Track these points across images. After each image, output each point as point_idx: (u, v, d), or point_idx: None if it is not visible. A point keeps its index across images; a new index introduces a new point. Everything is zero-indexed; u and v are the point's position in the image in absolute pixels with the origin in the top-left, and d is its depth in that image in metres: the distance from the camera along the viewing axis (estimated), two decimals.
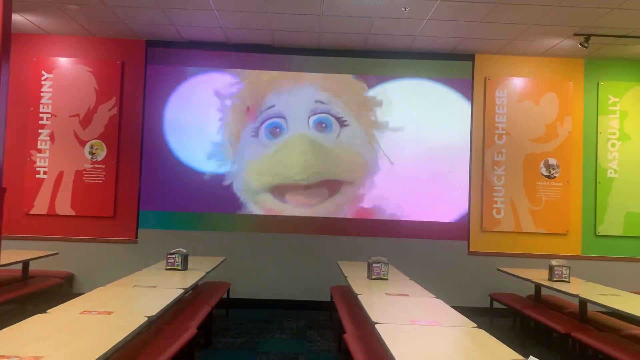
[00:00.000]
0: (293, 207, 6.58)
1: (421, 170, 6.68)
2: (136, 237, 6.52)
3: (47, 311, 2.87)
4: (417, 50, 6.67)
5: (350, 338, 3.68)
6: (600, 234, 6.67)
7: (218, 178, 6.58)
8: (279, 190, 6.59)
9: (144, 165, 6.58)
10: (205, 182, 6.57)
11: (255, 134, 6.62)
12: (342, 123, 6.67)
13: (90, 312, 2.90)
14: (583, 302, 4.68)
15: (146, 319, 2.80)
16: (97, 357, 2.13)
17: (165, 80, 6.62)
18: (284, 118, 6.63)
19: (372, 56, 6.73)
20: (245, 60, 6.67)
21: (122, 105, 6.60)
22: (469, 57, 6.78)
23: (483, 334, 2.70)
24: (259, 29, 6.08)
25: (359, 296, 3.71)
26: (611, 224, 6.68)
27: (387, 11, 5.43)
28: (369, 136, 6.69)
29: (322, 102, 6.67)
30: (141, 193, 6.56)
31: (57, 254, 5.82)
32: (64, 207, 6.45)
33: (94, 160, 6.51)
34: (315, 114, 6.65)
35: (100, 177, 6.50)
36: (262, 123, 6.64)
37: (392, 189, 6.66)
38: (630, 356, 3.59)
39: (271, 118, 6.64)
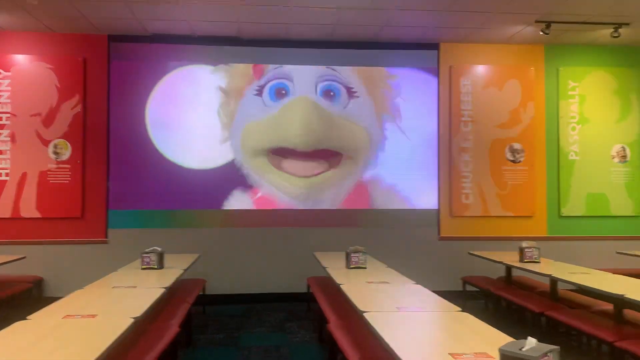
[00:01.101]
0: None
1: (393, 159, 6.76)
2: (106, 237, 6.39)
3: (28, 317, 2.79)
4: (384, 40, 6.71)
5: (335, 328, 3.72)
6: (564, 214, 6.91)
7: (190, 173, 6.50)
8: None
9: (111, 164, 6.43)
10: (174, 179, 6.48)
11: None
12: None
13: (73, 316, 2.83)
14: (554, 281, 4.85)
15: (132, 320, 2.76)
16: None
17: (129, 75, 6.47)
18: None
19: (339, 47, 6.74)
20: (212, 53, 6.58)
21: (86, 103, 6.42)
22: (434, 46, 6.87)
23: (470, 318, 2.77)
24: (224, 21, 6.00)
25: (341, 286, 3.75)
26: (574, 205, 6.92)
27: (355, 1, 5.44)
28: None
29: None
30: (109, 192, 6.41)
31: (24, 258, 5.64)
32: (29, 209, 6.25)
33: (58, 160, 6.32)
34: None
35: (66, 177, 6.32)
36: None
37: (364, 178, 6.73)
38: (601, 331, 3.75)
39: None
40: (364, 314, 2.85)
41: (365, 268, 4.60)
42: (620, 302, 3.73)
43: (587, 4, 5.55)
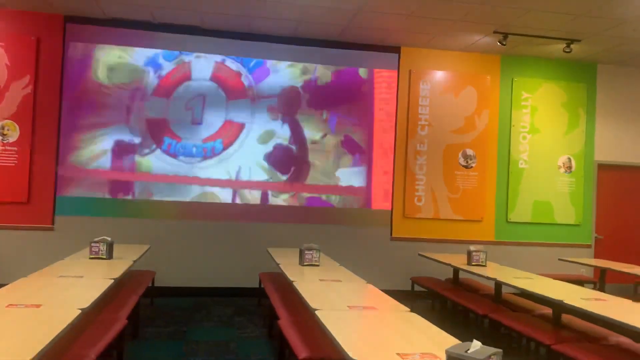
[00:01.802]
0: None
1: (349, 159, 6.82)
2: (53, 224, 6.19)
3: None
4: (347, 40, 6.76)
5: (285, 324, 3.74)
6: (511, 220, 7.16)
7: (144, 162, 6.37)
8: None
9: (62, 148, 6.23)
10: (128, 166, 6.34)
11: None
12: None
13: (16, 305, 2.75)
14: (499, 285, 5.02)
15: (79, 311, 2.70)
16: (34, 355, 2.03)
17: (85, 58, 6.28)
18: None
19: (301, 44, 6.74)
20: (171, 41, 6.46)
21: (37, 84, 6.19)
22: (396, 49, 6.97)
23: (418, 318, 2.84)
24: (187, 9, 5.91)
25: (294, 283, 3.77)
26: (521, 211, 7.18)
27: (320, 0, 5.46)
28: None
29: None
30: (58, 177, 6.21)
31: None
32: None
33: (5, 141, 6.07)
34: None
35: (12, 159, 6.08)
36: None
37: (320, 177, 6.76)
38: (540, 334, 3.91)
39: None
40: (316, 312, 2.88)
41: (318, 265, 4.64)
42: (559, 307, 3.91)
43: (543, 19, 5.76)
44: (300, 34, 6.61)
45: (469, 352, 1.77)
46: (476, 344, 1.81)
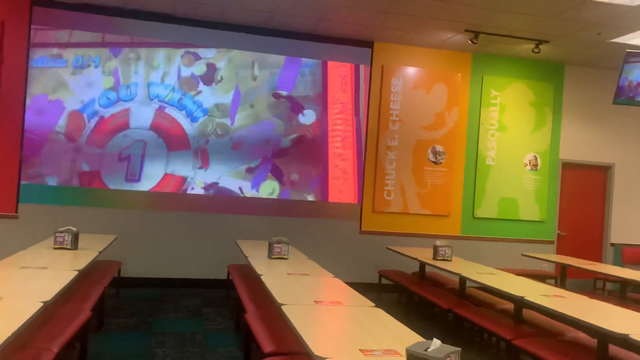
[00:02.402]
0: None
1: (320, 152, 6.84)
2: (16, 212, 6.05)
3: None
4: (321, 33, 6.75)
5: (252, 318, 3.75)
6: (478, 216, 7.30)
7: (110, 147, 6.27)
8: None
9: (26, 134, 6.08)
10: (94, 154, 6.23)
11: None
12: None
13: None
14: (463, 280, 5.13)
15: (42, 304, 2.66)
16: None
17: (51, 43, 6.12)
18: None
19: (276, 35, 6.71)
20: (137, 28, 6.35)
21: (1, 68, 6.01)
22: (369, 44, 7.00)
23: (382, 314, 2.89)
24: None
25: (261, 277, 3.78)
26: (487, 207, 7.32)
27: None
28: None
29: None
30: (22, 164, 6.07)
31: None
32: None
33: None
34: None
35: None
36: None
37: (293, 170, 6.77)
38: (501, 328, 4.02)
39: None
40: (282, 307, 2.90)
41: (286, 259, 4.66)
42: (520, 302, 4.02)
43: (513, 20, 5.86)
44: (273, 26, 6.58)
45: (428, 350, 1.82)
46: (436, 342, 1.86)
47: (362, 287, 3.67)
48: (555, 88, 7.54)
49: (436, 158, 7.20)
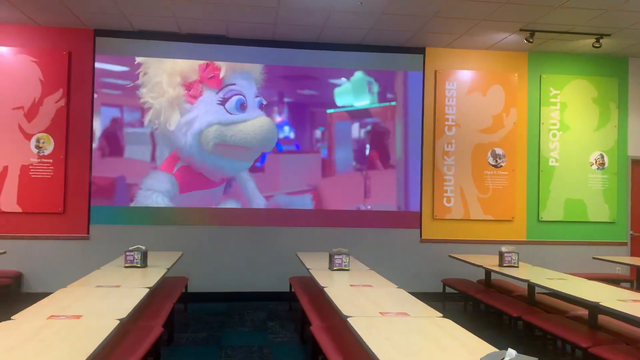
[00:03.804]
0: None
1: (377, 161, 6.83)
2: (88, 233, 6.35)
3: (12, 317, 2.79)
4: (371, 43, 6.76)
5: (317, 330, 3.77)
6: (543, 219, 7.05)
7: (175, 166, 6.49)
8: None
9: (95, 159, 6.38)
10: (159, 174, 6.46)
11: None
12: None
13: (58, 316, 2.83)
14: (532, 286, 4.96)
15: (117, 321, 2.77)
16: None
17: (114, 70, 6.42)
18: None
19: (325, 49, 6.77)
20: (198, 51, 6.56)
21: (69, 97, 6.36)
22: (420, 50, 6.94)
23: (450, 324, 2.83)
24: (213, 19, 5.99)
25: (325, 289, 3.79)
26: (553, 210, 7.06)
27: (344, 4, 5.47)
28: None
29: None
30: (92, 187, 6.37)
31: (4, 252, 5.59)
32: (9, 203, 6.18)
33: (40, 154, 6.26)
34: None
35: (48, 171, 6.26)
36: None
37: (347, 180, 6.78)
38: (576, 336, 3.85)
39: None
40: (348, 319, 2.90)
41: (348, 270, 4.66)
42: (596, 308, 3.84)
43: (570, 15, 5.66)
44: (323, 40, 6.64)
45: None
46: (511, 353, 1.81)
47: (425, 297, 3.61)
48: (620, 82, 7.21)
49: (496, 161, 7.02)
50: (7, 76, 6.23)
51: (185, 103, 6.47)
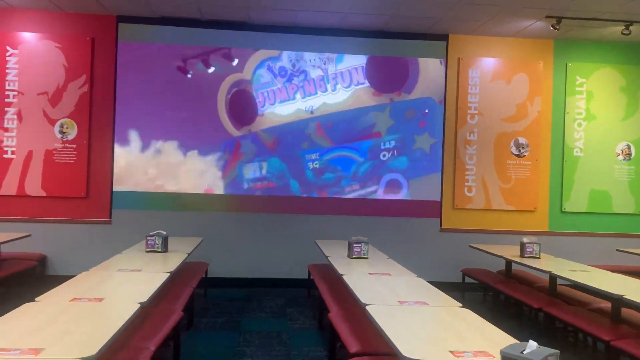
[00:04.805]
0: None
1: (396, 149, 6.77)
2: (110, 218, 6.44)
3: (36, 299, 2.84)
4: (394, 30, 6.68)
5: (335, 318, 3.77)
6: (566, 210, 6.94)
7: (192, 157, 6.53)
8: None
9: (117, 144, 6.45)
10: (180, 160, 6.51)
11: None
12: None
13: (80, 299, 2.88)
14: (553, 278, 4.89)
15: (138, 305, 2.81)
16: (98, 348, 2.13)
17: (137, 56, 6.46)
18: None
19: (346, 35, 6.71)
20: (220, 37, 6.56)
21: (93, 83, 6.42)
22: (444, 37, 6.84)
23: (470, 314, 2.81)
24: (235, 5, 5.97)
25: (343, 277, 3.79)
26: (576, 200, 6.94)
27: None
28: None
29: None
30: (114, 173, 6.44)
31: (29, 235, 5.71)
32: (34, 187, 6.29)
33: (64, 139, 6.34)
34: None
35: (72, 156, 6.35)
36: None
37: (368, 168, 6.75)
38: (598, 329, 3.79)
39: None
40: (366, 307, 2.89)
41: (367, 258, 4.65)
42: (619, 301, 3.77)
43: (598, 1, 5.51)
44: (346, 26, 6.58)
45: (524, 353, 1.74)
46: (532, 345, 1.78)
47: (444, 287, 3.58)
48: None
49: (519, 151, 6.91)
50: (32, 62, 6.31)
51: None
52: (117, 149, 6.43)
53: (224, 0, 5.81)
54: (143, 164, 6.46)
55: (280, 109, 6.65)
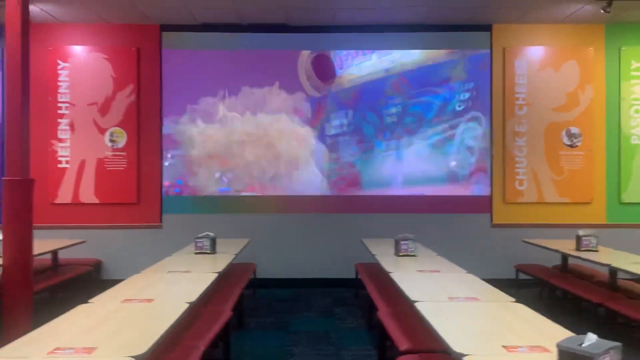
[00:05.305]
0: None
1: (442, 144, 6.64)
2: (160, 222, 6.58)
3: (89, 301, 2.91)
4: (435, 22, 6.55)
5: (384, 316, 3.71)
6: (625, 201, 6.62)
7: (239, 158, 6.60)
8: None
9: (164, 150, 6.60)
10: (224, 164, 6.59)
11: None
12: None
13: (131, 300, 2.94)
14: (613, 271, 4.67)
15: (187, 305, 2.84)
16: (149, 346, 2.16)
17: (180, 63, 6.59)
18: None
19: (390, 30, 6.63)
20: (259, 40, 6.61)
21: (139, 92, 6.59)
22: (487, 27, 6.66)
23: (524, 309, 2.70)
24: (272, 8, 6.00)
25: (391, 274, 3.73)
26: (636, 191, 6.61)
27: None
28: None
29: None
30: (163, 178, 6.59)
31: (84, 242, 5.91)
32: (87, 195, 6.51)
33: (114, 147, 6.54)
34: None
35: (122, 164, 6.53)
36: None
37: (413, 164, 6.64)
38: None
39: None
40: (415, 304, 2.82)
41: (415, 256, 4.56)
42: None
43: None
44: (385, 21, 6.50)
45: (583, 346, 1.64)
46: (591, 337, 1.68)
47: (497, 284, 3.46)
48: None
49: (572, 141, 6.65)
50: (82, 74, 6.54)
51: None
52: (165, 154, 6.57)
53: (262, 4, 5.86)
54: (190, 167, 6.58)
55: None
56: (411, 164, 6.64)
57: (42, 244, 5.33)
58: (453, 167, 6.64)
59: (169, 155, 6.59)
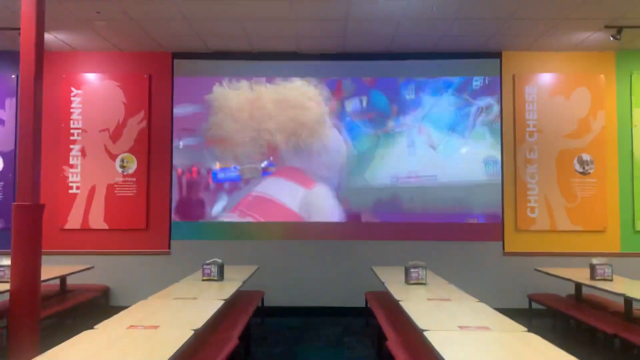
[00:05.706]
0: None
1: (452, 170, 6.59)
2: (169, 249, 6.56)
3: (94, 327, 2.88)
4: (443, 50, 6.59)
5: (394, 345, 3.64)
6: None
7: (249, 185, 6.59)
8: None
9: (174, 177, 6.62)
10: (235, 191, 6.59)
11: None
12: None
13: (136, 326, 2.90)
14: (629, 301, 4.55)
15: (192, 332, 2.79)
16: None
17: (191, 91, 6.66)
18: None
19: (397, 58, 6.67)
20: (271, 68, 6.68)
21: (150, 118, 6.66)
22: (497, 54, 6.68)
23: (537, 339, 2.63)
24: (283, 36, 6.08)
25: (400, 302, 3.66)
26: None
27: (415, 12, 5.37)
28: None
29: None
30: (172, 204, 6.59)
31: (92, 267, 5.89)
32: (97, 221, 6.52)
33: (125, 173, 6.57)
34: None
35: (132, 189, 6.56)
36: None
37: (422, 191, 6.60)
38: None
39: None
40: (425, 333, 2.76)
41: (425, 284, 4.48)
42: None
43: None
44: (395, 49, 6.55)
45: None
46: None
47: (509, 313, 3.38)
48: None
49: (584, 168, 6.58)
50: (95, 101, 6.62)
51: None
52: (175, 181, 6.59)
53: (272, 33, 5.93)
54: (200, 194, 6.58)
55: None
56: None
57: (51, 270, 5.33)
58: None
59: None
